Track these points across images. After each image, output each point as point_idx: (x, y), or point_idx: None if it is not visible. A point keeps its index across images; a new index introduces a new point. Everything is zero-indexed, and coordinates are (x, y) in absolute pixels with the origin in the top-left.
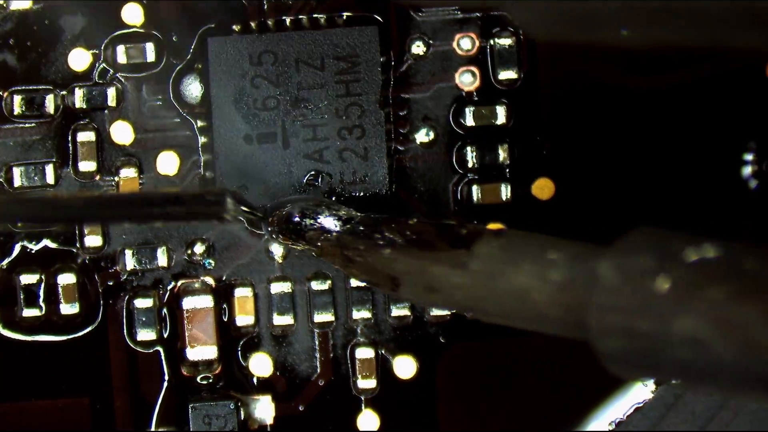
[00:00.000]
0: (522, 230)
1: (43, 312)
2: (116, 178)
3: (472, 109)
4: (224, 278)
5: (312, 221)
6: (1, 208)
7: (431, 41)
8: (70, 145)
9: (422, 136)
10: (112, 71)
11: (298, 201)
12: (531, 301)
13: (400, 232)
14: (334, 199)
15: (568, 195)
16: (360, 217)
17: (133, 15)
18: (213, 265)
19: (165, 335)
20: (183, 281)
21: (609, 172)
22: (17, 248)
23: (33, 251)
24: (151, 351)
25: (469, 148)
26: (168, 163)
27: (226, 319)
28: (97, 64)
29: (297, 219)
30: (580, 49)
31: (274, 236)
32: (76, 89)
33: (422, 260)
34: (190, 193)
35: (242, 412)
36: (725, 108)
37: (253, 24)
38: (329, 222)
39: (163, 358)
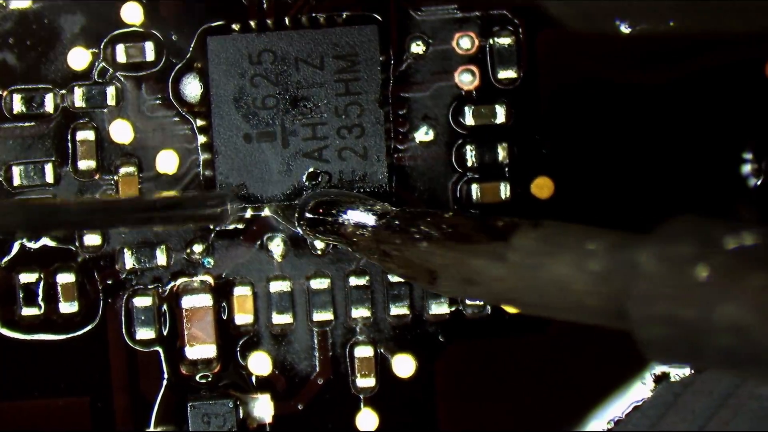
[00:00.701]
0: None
1: (43, 311)
2: (115, 177)
3: (471, 108)
4: (223, 277)
5: (347, 216)
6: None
7: (431, 40)
8: (69, 144)
9: (422, 135)
10: (111, 70)
11: (331, 196)
12: (571, 291)
13: (437, 226)
14: None
15: (568, 194)
16: (395, 211)
17: (132, 14)
18: (212, 264)
19: (164, 334)
20: (182, 280)
21: (608, 170)
22: (16, 247)
23: (32, 250)
24: (151, 350)
25: (468, 147)
26: (167, 161)
27: (225, 318)
28: (96, 63)
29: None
30: (580, 47)
31: (307, 231)
32: (76, 88)
33: (460, 253)
34: (191, 197)
35: (241, 411)
36: (724, 106)
37: (252, 23)
38: (364, 217)
39: (162, 356)
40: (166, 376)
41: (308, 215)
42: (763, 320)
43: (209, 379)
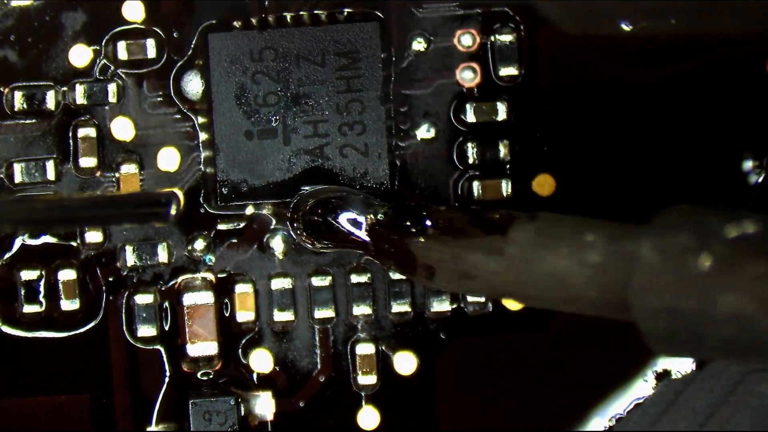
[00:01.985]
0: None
1: (44, 308)
2: (117, 174)
3: (472, 105)
4: (225, 274)
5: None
6: None
7: (432, 37)
8: (70, 141)
9: (423, 132)
10: (112, 67)
11: (323, 192)
12: (570, 283)
13: (433, 220)
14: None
15: (569, 191)
16: (391, 207)
17: (133, 11)
18: (213, 261)
19: (166, 331)
20: (184, 277)
21: (609, 167)
22: (17, 244)
23: (33, 247)
24: (152, 347)
25: (469, 144)
26: (169, 159)
27: (226, 315)
28: (97, 61)
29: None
30: (580, 45)
31: (303, 237)
32: (77, 85)
33: (457, 247)
34: (135, 194)
35: (242, 408)
36: (726, 103)
37: (254, 20)
38: (360, 215)
39: (163, 354)
40: (167, 373)
41: (304, 217)
42: (764, 309)
43: (210, 377)
